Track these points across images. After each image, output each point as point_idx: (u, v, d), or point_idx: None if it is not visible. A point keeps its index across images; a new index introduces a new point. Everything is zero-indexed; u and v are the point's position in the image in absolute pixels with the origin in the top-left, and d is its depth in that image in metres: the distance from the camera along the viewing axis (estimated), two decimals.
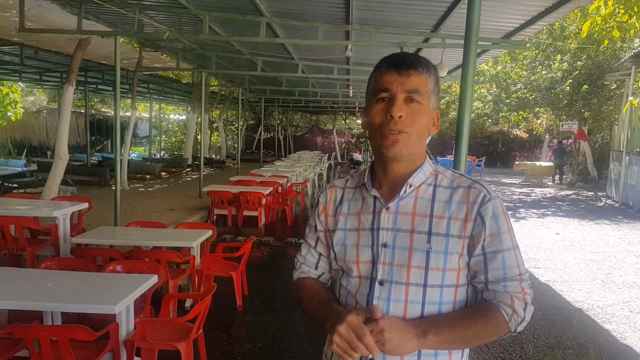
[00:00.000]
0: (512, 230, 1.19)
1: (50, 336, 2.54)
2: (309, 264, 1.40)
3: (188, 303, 4.57)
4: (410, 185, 1.21)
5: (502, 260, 1.16)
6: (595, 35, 13.07)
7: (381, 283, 1.18)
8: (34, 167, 14.58)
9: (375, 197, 1.25)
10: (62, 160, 8.40)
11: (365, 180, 1.28)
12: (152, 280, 3.12)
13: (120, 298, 2.72)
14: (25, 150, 19.35)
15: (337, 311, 1.17)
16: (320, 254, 1.38)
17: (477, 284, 1.20)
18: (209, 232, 4.82)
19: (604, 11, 6.02)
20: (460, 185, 1.21)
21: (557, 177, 18.73)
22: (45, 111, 20.58)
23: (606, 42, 10.10)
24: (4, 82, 15.26)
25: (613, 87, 15.72)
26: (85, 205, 5.58)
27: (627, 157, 11.85)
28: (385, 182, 1.25)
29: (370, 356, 1.13)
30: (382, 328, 1.05)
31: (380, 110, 1.18)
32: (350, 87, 15.31)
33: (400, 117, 1.14)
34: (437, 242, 1.16)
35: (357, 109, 26.87)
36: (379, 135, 1.18)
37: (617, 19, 7.04)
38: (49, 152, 19.20)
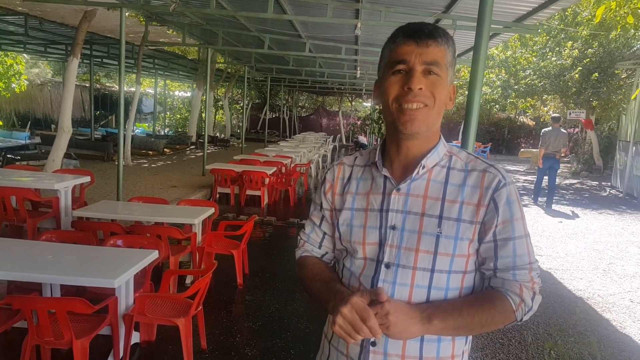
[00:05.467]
0: (524, 217, 1.16)
1: (49, 308, 2.54)
2: (313, 242, 1.36)
3: (189, 280, 4.58)
4: (424, 167, 1.16)
5: (513, 248, 1.13)
6: (607, 21, 12.82)
7: (387, 266, 1.14)
8: (37, 139, 14.55)
9: (385, 177, 1.20)
10: (65, 133, 8.37)
11: (376, 159, 1.22)
12: (153, 255, 3.11)
13: (120, 272, 2.71)
14: (29, 122, 19.32)
15: (341, 292, 1.13)
16: (324, 233, 1.33)
17: (485, 270, 1.17)
18: (211, 210, 4.80)
19: None
20: (474, 169, 1.16)
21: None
22: (50, 84, 20.51)
23: (619, 28, 9.89)
24: (8, 53, 15.15)
25: (623, 76, 15.46)
26: (87, 179, 5.55)
27: (634, 148, 11.73)
28: (397, 162, 1.20)
29: (372, 339, 1.11)
30: (387, 311, 1.01)
31: (396, 83, 1.11)
32: (358, 68, 15.11)
33: (420, 89, 1.08)
34: (447, 226, 1.12)
35: (363, 91, 26.65)
36: (395, 109, 1.12)
37: (632, 5, 6.88)
38: (53, 125, 19.17)
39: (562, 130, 9.88)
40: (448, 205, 1.13)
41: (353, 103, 31.96)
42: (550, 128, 9.95)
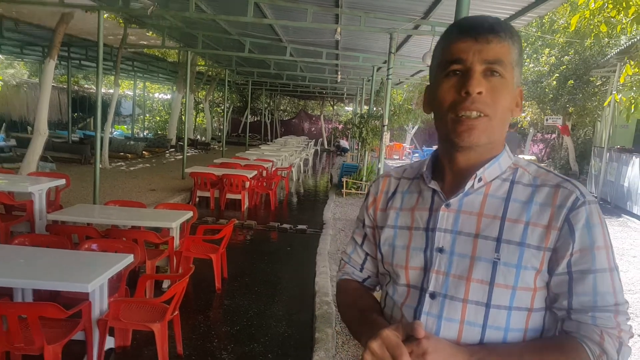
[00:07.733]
0: (610, 247, 0.93)
1: (19, 313, 2.48)
2: (354, 264, 1.20)
3: (166, 284, 4.53)
4: (480, 179, 0.97)
5: (593, 283, 0.90)
6: (582, 29, 13.14)
7: (432, 296, 0.97)
8: (12, 142, 14.24)
9: (434, 190, 1.03)
10: (41, 135, 8.22)
11: (425, 169, 1.05)
12: (128, 259, 3.07)
13: (94, 277, 2.67)
14: (4, 125, 18.89)
15: (375, 324, 0.97)
16: (367, 254, 1.17)
17: (557, 310, 0.95)
18: (190, 214, 4.76)
19: (593, 5, 6.02)
20: (545, 183, 0.96)
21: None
22: (26, 85, 20.07)
23: (592, 37, 10.15)
24: None
25: (598, 84, 15.84)
26: (62, 182, 5.46)
27: (608, 154, 12.01)
28: (449, 174, 1.02)
29: None
30: (424, 350, 0.83)
31: (451, 87, 0.94)
32: (339, 73, 15.19)
33: (480, 93, 0.91)
34: (508, 252, 0.92)
35: (345, 95, 26.78)
36: (451, 119, 0.94)
37: (605, 14, 7.05)
38: (29, 128, 18.76)
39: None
40: (509, 225, 0.94)
41: (335, 107, 32.09)
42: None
